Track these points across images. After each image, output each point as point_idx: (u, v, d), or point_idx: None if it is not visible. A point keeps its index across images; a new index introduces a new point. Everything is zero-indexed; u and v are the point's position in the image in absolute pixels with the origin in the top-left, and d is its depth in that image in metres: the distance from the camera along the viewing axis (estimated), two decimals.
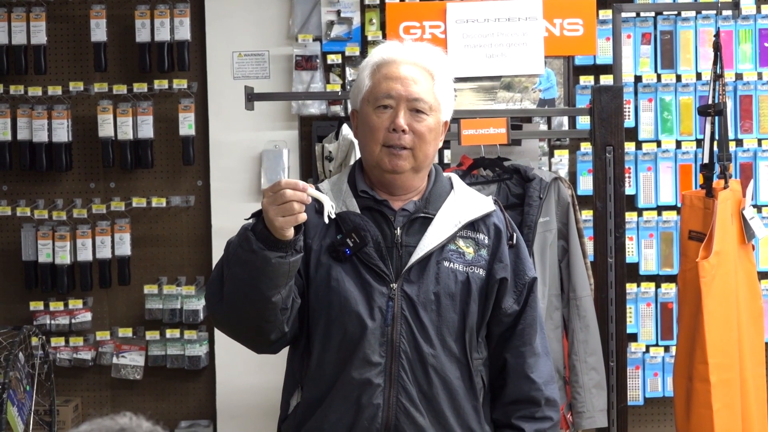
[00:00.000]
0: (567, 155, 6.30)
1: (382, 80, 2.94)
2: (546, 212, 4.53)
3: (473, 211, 2.99)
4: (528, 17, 4.81)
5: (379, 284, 2.87)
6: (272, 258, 2.67)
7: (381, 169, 2.94)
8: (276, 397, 3.16)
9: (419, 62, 2.96)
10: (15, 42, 6.44)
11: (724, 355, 4.71)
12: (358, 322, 2.84)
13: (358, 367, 2.85)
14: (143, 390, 6.67)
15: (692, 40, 6.28)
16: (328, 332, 2.89)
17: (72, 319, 6.56)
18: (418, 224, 2.95)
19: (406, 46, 3.00)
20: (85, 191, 6.63)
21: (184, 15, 6.39)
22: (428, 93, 2.93)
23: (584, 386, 4.56)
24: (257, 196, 6.43)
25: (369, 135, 2.94)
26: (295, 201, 2.62)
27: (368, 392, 2.84)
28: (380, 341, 2.84)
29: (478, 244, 2.96)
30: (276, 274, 2.70)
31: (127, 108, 6.41)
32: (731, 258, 4.77)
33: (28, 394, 5.85)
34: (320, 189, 3.01)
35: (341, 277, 2.87)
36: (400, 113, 2.90)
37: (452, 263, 2.91)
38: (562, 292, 4.61)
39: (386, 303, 2.86)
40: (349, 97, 3.10)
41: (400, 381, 2.85)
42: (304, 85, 6.36)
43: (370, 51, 3.20)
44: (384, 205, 2.96)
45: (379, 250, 2.89)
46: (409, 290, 2.87)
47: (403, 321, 2.85)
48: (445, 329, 2.89)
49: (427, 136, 2.92)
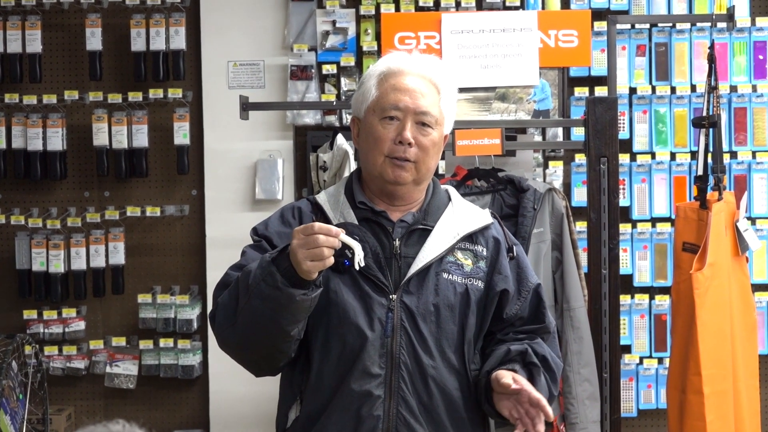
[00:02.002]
0: (561, 166, 6.31)
1: (389, 91, 2.93)
2: (540, 223, 4.53)
3: (472, 224, 2.99)
4: (523, 28, 4.82)
5: (378, 295, 2.86)
6: (297, 296, 2.67)
7: (383, 179, 2.94)
8: (269, 406, 3.16)
9: (427, 75, 2.96)
10: (10, 50, 6.44)
11: (718, 367, 4.72)
12: (358, 334, 2.84)
13: (357, 379, 2.84)
14: (136, 399, 6.66)
15: (687, 52, 6.29)
16: (327, 344, 2.88)
17: (65, 328, 6.54)
18: (417, 236, 2.94)
19: (414, 57, 3.00)
20: (79, 200, 6.63)
21: (180, 24, 6.40)
22: (434, 107, 2.94)
23: (577, 397, 4.56)
24: (252, 205, 6.44)
25: (373, 145, 2.94)
26: (326, 247, 2.63)
27: (368, 404, 2.83)
28: (380, 352, 2.84)
29: (476, 256, 2.96)
30: (298, 309, 2.71)
31: (122, 117, 6.41)
32: (725, 270, 4.78)
33: (21, 403, 5.84)
34: (320, 201, 3.02)
35: (340, 288, 2.86)
36: (407, 126, 2.90)
37: (451, 275, 2.91)
38: (555, 303, 4.61)
39: (386, 314, 2.85)
40: (351, 104, 3.09)
41: (400, 392, 2.84)
42: (299, 94, 6.36)
43: (368, 62, 3.20)
44: (382, 216, 2.95)
45: (377, 261, 2.88)
46: (408, 301, 2.86)
47: (403, 332, 2.85)
48: (444, 341, 2.88)
49: (431, 150, 2.93)
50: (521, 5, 6.25)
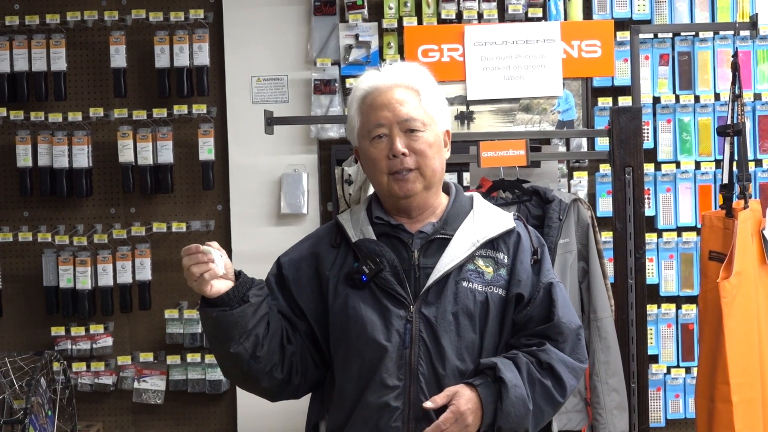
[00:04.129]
0: (586, 177, 6.30)
1: (369, 112, 2.95)
2: (566, 234, 4.53)
3: (492, 230, 2.97)
4: (546, 39, 4.82)
5: (396, 308, 2.87)
6: (213, 313, 2.80)
7: (394, 196, 2.95)
8: (297, 420, 3.17)
9: (401, 83, 2.97)
10: (35, 68, 6.48)
11: (746, 375, 4.70)
12: (376, 347, 2.85)
13: (375, 391, 2.85)
14: (164, 414, 6.68)
15: (710, 60, 6.29)
16: (348, 359, 2.90)
17: (93, 344, 6.57)
18: (436, 245, 2.94)
19: (385, 71, 3.01)
20: (105, 216, 6.66)
21: (203, 40, 6.42)
22: (417, 110, 2.94)
23: (605, 407, 4.55)
24: (277, 220, 6.45)
25: (373, 167, 2.96)
26: (192, 265, 2.78)
27: (386, 416, 2.83)
28: (398, 364, 2.84)
29: (497, 264, 2.95)
30: (224, 326, 2.80)
31: (146, 133, 6.44)
32: (752, 278, 4.76)
33: (50, 420, 5.86)
34: (341, 220, 3.05)
35: (358, 304, 2.88)
36: (396, 138, 2.91)
37: (471, 283, 2.90)
38: (582, 313, 4.60)
39: (404, 326, 2.85)
40: (346, 136, 3.12)
41: (418, 403, 2.83)
42: (323, 108, 6.38)
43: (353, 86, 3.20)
44: (400, 230, 2.96)
45: (396, 274, 2.89)
46: (427, 312, 2.86)
47: (421, 343, 2.84)
48: (464, 350, 2.87)
49: (428, 152, 2.93)
50: (543, 16, 6.25)
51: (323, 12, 6.44)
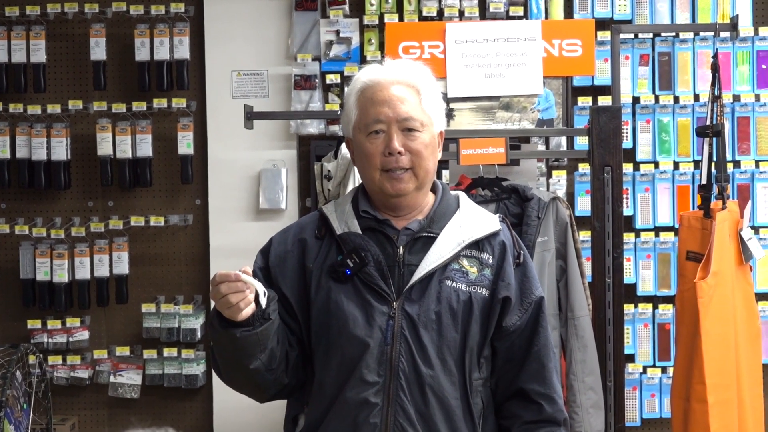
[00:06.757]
0: (565, 176, 6.31)
1: (369, 106, 2.93)
2: (544, 232, 4.53)
3: (478, 231, 2.96)
4: (527, 38, 4.83)
5: (379, 303, 2.85)
6: (237, 334, 2.75)
7: (384, 194, 2.93)
8: (274, 416, 3.17)
9: (403, 80, 2.95)
10: (14, 60, 6.45)
11: (722, 376, 4.71)
12: (357, 343, 2.83)
13: (354, 387, 2.84)
14: (140, 409, 6.66)
15: (690, 61, 6.30)
16: (328, 354, 2.88)
17: (69, 338, 6.55)
18: (422, 243, 2.93)
19: (387, 66, 2.99)
20: (83, 209, 6.64)
21: (184, 34, 6.41)
22: (417, 110, 2.92)
23: (582, 406, 4.55)
24: (255, 215, 6.44)
25: (366, 162, 2.93)
26: (230, 294, 2.69)
27: (365, 411, 2.82)
28: (379, 360, 2.83)
29: (482, 264, 2.94)
30: (246, 345, 2.77)
31: (126, 126, 6.42)
32: (729, 279, 4.78)
33: (25, 413, 5.84)
34: (326, 212, 3.03)
35: (340, 298, 2.87)
36: (393, 136, 2.89)
37: (455, 282, 2.89)
38: (560, 311, 4.61)
39: (386, 322, 2.84)
40: (341, 126, 3.09)
41: (398, 400, 2.82)
42: (303, 104, 6.37)
43: (353, 76, 3.18)
44: (386, 225, 2.95)
45: (380, 270, 2.87)
46: (409, 309, 2.85)
47: (403, 340, 2.83)
48: (445, 348, 2.86)
49: (424, 153, 2.91)
50: (525, 15, 6.26)
51: (304, 7, 6.44)
